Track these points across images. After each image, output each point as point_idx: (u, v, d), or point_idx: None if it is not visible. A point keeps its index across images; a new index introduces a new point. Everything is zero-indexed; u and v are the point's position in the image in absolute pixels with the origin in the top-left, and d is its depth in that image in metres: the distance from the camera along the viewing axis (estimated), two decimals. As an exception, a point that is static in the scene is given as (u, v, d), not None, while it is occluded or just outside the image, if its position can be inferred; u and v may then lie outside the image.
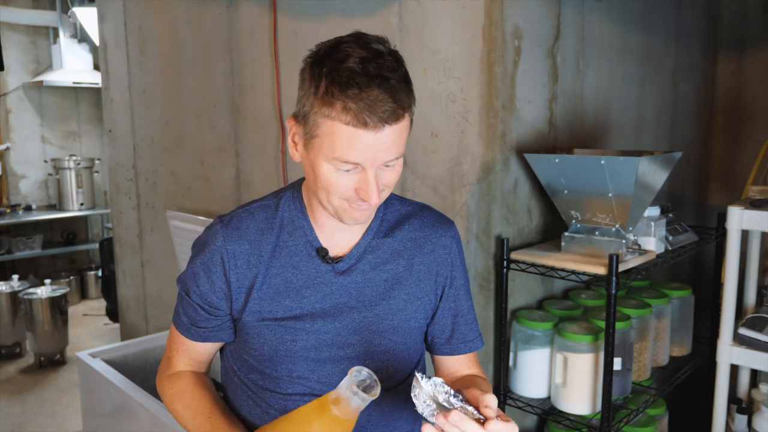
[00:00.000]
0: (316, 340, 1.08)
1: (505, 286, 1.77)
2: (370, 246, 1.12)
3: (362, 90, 0.90)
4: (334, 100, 0.91)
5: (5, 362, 4.45)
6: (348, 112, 0.91)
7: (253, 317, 1.09)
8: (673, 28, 2.57)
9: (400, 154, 0.98)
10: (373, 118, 0.91)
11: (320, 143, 0.95)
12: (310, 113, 0.96)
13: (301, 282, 1.08)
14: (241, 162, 2.56)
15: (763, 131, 2.77)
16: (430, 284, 1.16)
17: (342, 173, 0.96)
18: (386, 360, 1.13)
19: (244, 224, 1.10)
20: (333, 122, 0.92)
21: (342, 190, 0.98)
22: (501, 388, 1.82)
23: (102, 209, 5.87)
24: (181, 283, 1.14)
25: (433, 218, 1.18)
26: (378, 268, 1.11)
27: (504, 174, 1.79)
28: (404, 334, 1.14)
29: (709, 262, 2.43)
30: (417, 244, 1.15)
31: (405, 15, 1.88)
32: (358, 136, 0.92)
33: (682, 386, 2.11)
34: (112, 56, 3.25)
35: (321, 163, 0.97)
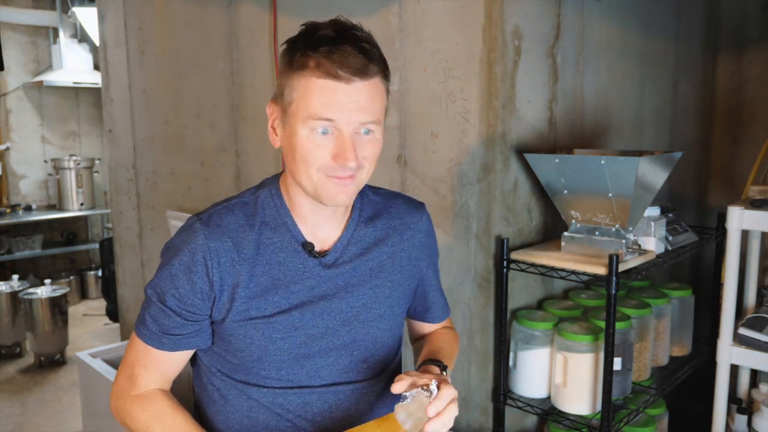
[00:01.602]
0: (305, 335, 1.08)
1: (505, 286, 1.77)
2: (354, 237, 1.13)
3: (334, 46, 0.96)
4: (308, 60, 0.96)
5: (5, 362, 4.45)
6: (320, 67, 0.95)
7: (240, 317, 1.05)
8: (673, 28, 2.57)
9: (377, 120, 1.00)
10: (345, 70, 0.95)
11: (296, 107, 0.98)
12: (285, 85, 1.01)
13: (289, 278, 1.07)
14: (241, 162, 2.56)
15: (763, 131, 2.77)
16: (410, 269, 1.20)
17: (318, 137, 0.97)
18: (373, 348, 1.15)
19: (224, 221, 1.06)
20: (307, 79, 0.96)
21: (320, 157, 0.98)
22: (501, 388, 1.82)
23: (102, 209, 5.87)
24: (153, 289, 1.07)
25: (407, 204, 1.23)
26: (362, 258, 1.13)
27: (504, 174, 1.79)
28: (389, 321, 1.16)
29: (709, 262, 2.43)
30: (397, 231, 1.18)
31: (405, 15, 1.88)
32: (331, 90, 0.95)
33: (682, 386, 2.11)
34: (112, 56, 3.24)
35: (298, 130, 0.98)
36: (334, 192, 1.01)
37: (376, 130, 1.02)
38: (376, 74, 0.99)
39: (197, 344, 1.09)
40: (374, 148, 1.03)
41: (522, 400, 1.81)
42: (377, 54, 1.00)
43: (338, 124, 0.97)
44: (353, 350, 1.12)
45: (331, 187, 1.01)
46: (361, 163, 1.01)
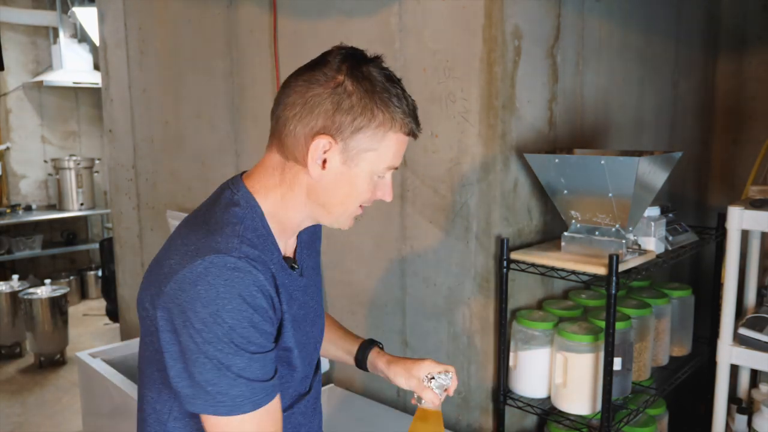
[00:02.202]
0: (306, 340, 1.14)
1: (505, 286, 1.77)
2: (300, 242, 1.17)
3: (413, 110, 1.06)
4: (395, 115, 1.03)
5: (5, 362, 4.45)
6: (406, 128, 1.05)
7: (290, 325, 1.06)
8: (673, 28, 2.57)
9: None
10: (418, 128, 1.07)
11: (376, 156, 1.03)
12: (364, 130, 1.01)
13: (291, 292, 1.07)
14: (241, 162, 2.56)
15: (763, 131, 2.77)
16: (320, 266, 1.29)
17: (376, 180, 1.06)
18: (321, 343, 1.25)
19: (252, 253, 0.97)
20: (397, 135, 1.04)
21: (367, 196, 1.06)
22: (501, 388, 1.82)
23: (102, 209, 5.87)
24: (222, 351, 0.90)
25: None
26: (309, 260, 1.20)
27: (504, 174, 1.79)
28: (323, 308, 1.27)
29: (709, 262, 2.43)
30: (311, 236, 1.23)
31: (405, 15, 1.88)
32: (406, 145, 1.07)
33: (682, 386, 2.11)
34: (112, 56, 3.24)
35: (365, 175, 1.04)
36: (352, 221, 1.10)
37: None
38: None
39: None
40: None
41: (522, 400, 1.81)
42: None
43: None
44: (317, 343, 1.22)
45: (353, 218, 1.09)
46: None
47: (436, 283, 1.91)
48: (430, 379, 1.20)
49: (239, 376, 0.92)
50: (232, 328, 0.90)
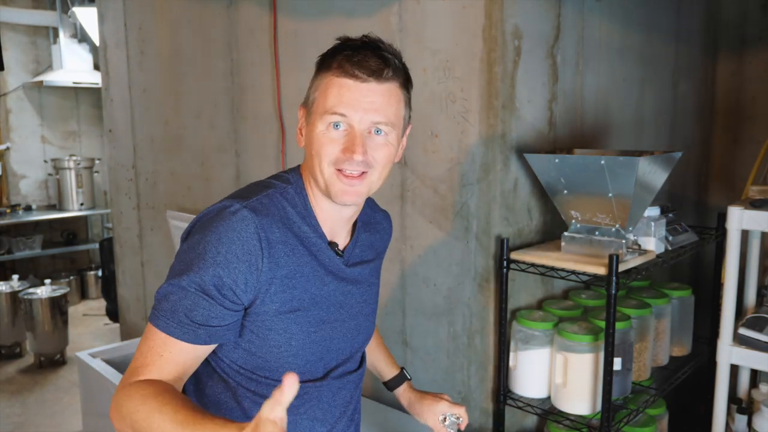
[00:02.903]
0: (330, 329, 1.15)
1: (505, 286, 1.77)
2: (359, 240, 1.22)
3: (356, 51, 1.04)
4: (332, 62, 1.05)
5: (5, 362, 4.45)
6: (340, 68, 1.03)
7: (285, 307, 1.07)
8: (673, 28, 2.57)
9: (390, 123, 1.06)
10: (361, 70, 1.02)
11: (316, 105, 1.06)
12: (311, 87, 1.09)
13: (324, 270, 1.12)
14: (241, 162, 2.56)
15: (763, 131, 2.77)
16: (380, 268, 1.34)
17: (332, 132, 1.04)
18: (365, 342, 1.28)
19: (271, 212, 1.06)
20: (328, 79, 1.05)
21: (331, 151, 1.04)
22: (501, 388, 1.82)
23: (102, 209, 5.87)
24: (191, 278, 0.99)
25: (383, 213, 1.36)
26: (365, 259, 1.23)
27: (504, 174, 1.79)
28: (375, 314, 1.31)
29: (709, 262, 2.43)
30: (382, 237, 1.31)
31: (405, 15, 1.88)
32: (347, 87, 1.03)
33: (682, 386, 2.11)
34: (112, 56, 3.25)
35: (316, 125, 1.05)
36: (342, 190, 1.06)
37: (390, 134, 1.07)
38: (392, 79, 1.05)
39: (229, 337, 1.06)
40: (386, 152, 1.08)
41: (522, 400, 1.81)
42: (397, 64, 1.06)
43: (350, 120, 1.03)
44: (355, 343, 1.23)
45: (339, 185, 1.05)
46: (371, 162, 1.06)
47: (436, 283, 1.91)
48: (443, 420, 1.40)
49: (174, 293, 1.00)
50: (199, 255, 1.00)
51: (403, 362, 2.02)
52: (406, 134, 1.15)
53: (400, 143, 1.13)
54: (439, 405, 1.42)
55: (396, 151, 1.11)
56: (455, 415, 1.40)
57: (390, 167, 1.11)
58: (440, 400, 1.43)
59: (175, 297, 1.00)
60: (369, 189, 1.09)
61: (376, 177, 1.09)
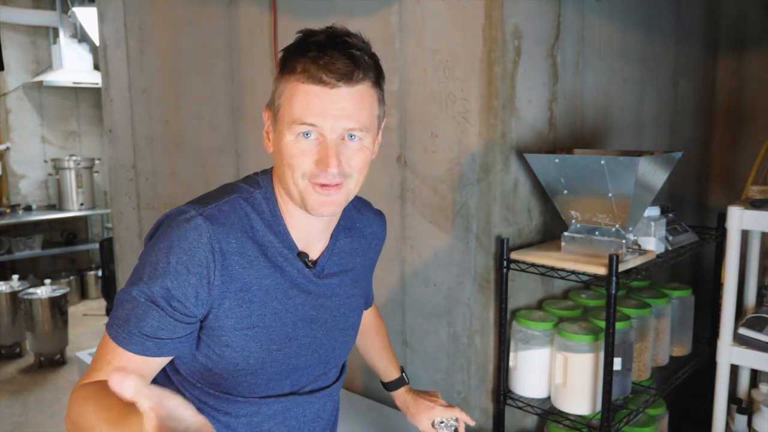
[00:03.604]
0: (297, 346, 1.08)
1: (505, 286, 1.77)
2: (336, 248, 1.13)
3: (322, 51, 0.94)
4: (296, 64, 0.95)
5: (5, 362, 4.45)
6: (306, 72, 0.94)
7: (243, 323, 1.00)
8: (673, 28, 2.57)
9: (364, 128, 0.98)
10: (330, 75, 0.93)
11: (283, 112, 0.98)
12: (276, 90, 1.00)
13: (288, 283, 1.04)
14: (241, 162, 2.56)
15: (763, 131, 2.77)
16: (369, 274, 1.27)
17: (302, 142, 0.96)
18: (343, 355, 1.21)
19: (230, 220, 0.99)
20: (293, 84, 0.96)
21: (303, 163, 0.97)
22: (501, 388, 1.82)
23: (102, 209, 5.87)
24: (141, 288, 0.95)
25: (374, 213, 1.26)
26: (343, 268, 1.15)
27: (504, 174, 1.79)
28: (358, 327, 1.22)
29: (709, 262, 2.43)
30: (368, 241, 1.21)
31: (405, 15, 1.88)
32: (315, 94, 0.94)
33: (682, 386, 2.11)
34: (112, 56, 3.24)
35: (284, 134, 0.97)
36: (319, 202, 0.99)
37: (365, 138, 0.99)
38: (363, 80, 0.96)
39: (182, 350, 1.00)
40: (362, 156, 1.00)
41: (522, 400, 1.81)
42: (367, 61, 0.97)
43: (322, 129, 0.95)
44: (329, 358, 1.16)
45: (315, 196, 0.98)
46: (347, 172, 0.98)
47: (436, 283, 1.91)
48: (439, 423, 1.38)
49: (128, 302, 0.96)
50: (150, 263, 0.96)
51: (403, 362, 2.02)
52: (381, 130, 1.08)
53: (376, 141, 1.05)
54: (433, 411, 1.41)
55: (372, 152, 1.03)
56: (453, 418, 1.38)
57: (367, 170, 1.03)
58: (434, 406, 1.41)
59: (128, 306, 0.96)
60: (347, 197, 1.02)
61: (354, 184, 1.01)
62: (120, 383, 0.64)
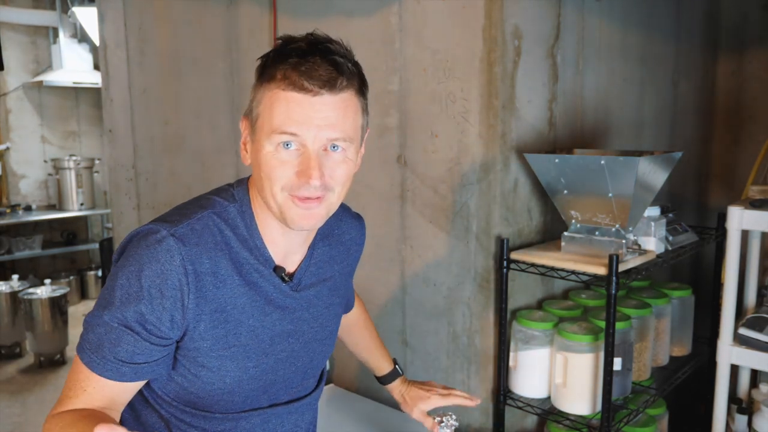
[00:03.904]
0: (274, 361, 1.06)
1: (505, 286, 1.77)
2: (314, 257, 1.10)
3: (303, 58, 0.90)
4: (275, 71, 0.91)
5: (5, 362, 4.45)
6: (286, 79, 0.90)
7: (219, 344, 0.98)
8: (673, 28, 2.57)
9: (347, 138, 0.94)
10: (312, 82, 0.89)
11: (261, 122, 0.93)
12: (254, 99, 0.96)
13: (263, 300, 1.02)
14: (240, 162, 2.56)
15: (763, 131, 2.77)
16: (349, 280, 1.24)
17: (282, 153, 0.92)
18: (321, 365, 1.18)
19: (202, 239, 0.95)
20: (273, 92, 0.91)
21: (283, 175, 0.92)
22: (501, 388, 1.82)
23: (102, 209, 5.87)
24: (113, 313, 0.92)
25: (353, 218, 1.22)
26: (321, 278, 1.12)
27: (504, 174, 1.79)
28: (335, 335, 1.20)
29: (709, 262, 2.43)
30: (347, 248, 1.18)
31: (405, 15, 1.88)
32: (296, 102, 0.89)
33: (682, 386, 2.11)
34: (112, 56, 3.24)
35: (263, 145, 0.93)
36: (299, 216, 0.94)
37: (348, 149, 0.95)
38: (346, 88, 0.92)
39: (159, 372, 0.98)
40: (346, 168, 0.96)
41: (522, 400, 1.81)
42: (351, 68, 0.93)
43: (303, 139, 0.91)
44: (307, 369, 1.14)
45: (295, 210, 0.94)
46: (329, 184, 0.94)
47: (436, 283, 1.91)
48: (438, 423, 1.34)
49: (99, 327, 0.92)
50: (121, 287, 0.92)
51: (403, 362, 2.02)
52: (364, 142, 1.03)
53: (359, 153, 1.01)
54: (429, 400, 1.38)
55: (355, 164, 0.98)
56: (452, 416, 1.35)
57: (350, 183, 0.99)
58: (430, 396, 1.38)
59: (100, 330, 0.93)
60: (328, 211, 0.98)
61: (336, 198, 0.97)
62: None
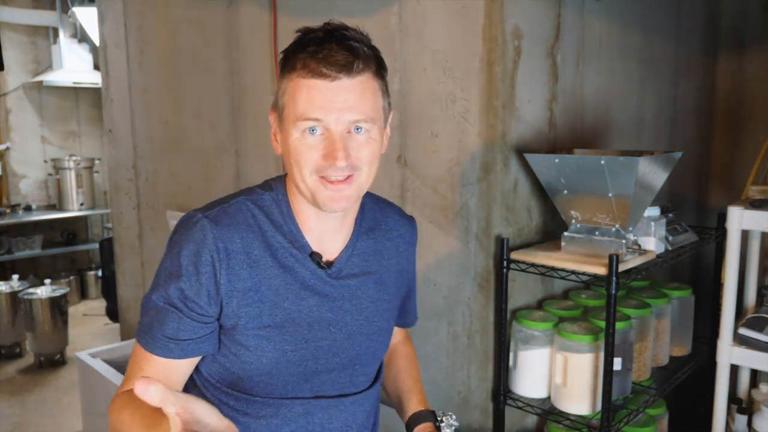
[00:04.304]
0: (314, 348, 1.06)
1: (505, 286, 1.77)
2: (356, 249, 1.11)
3: (320, 46, 0.95)
4: (296, 61, 0.97)
5: (5, 362, 4.45)
6: (305, 67, 0.95)
7: (254, 323, 1.01)
8: (673, 28, 2.57)
9: (369, 118, 0.98)
10: (329, 67, 0.94)
11: (287, 111, 0.98)
12: (279, 90, 1.01)
13: (299, 284, 1.04)
14: (241, 162, 2.56)
15: (763, 131, 2.77)
16: (402, 281, 1.22)
17: (308, 138, 0.96)
18: (372, 362, 1.16)
19: (234, 220, 1.02)
20: (294, 81, 0.97)
21: (311, 159, 0.97)
22: (501, 388, 1.82)
23: (102, 209, 5.87)
24: (159, 293, 1.00)
25: (401, 216, 1.24)
26: (366, 270, 1.12)
27: (504, 174, 1.79)
28: (387, 333, 1.18)
29: (709, 262, 2.43)
30: (395, 244, 1.19)
31: (405, 15, 1.88)
32: (317, 88, 0.94)
33: (682, 386, 2.11)
34: (112, 56, 3.25)
35: (290, 133, 0.98)
36: (329, 198, 0.98)
37: (372, 129, 0.99)
38: (364, 71, 0.97)
39: (206, 349, 1.03)
40: (371, 149, 1.00)
41: (522, 400, 1.81)
42: (367, 52, 0.98)
43: (326, 123, 0.95)
44: (355, 364, 1.12)
45: (326, 192, 0.98)
46: (356, 164, 0.98)
47: (436, 283, 1.91)
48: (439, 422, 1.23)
49: (151, 308, 1.01)
50: (165, 268, 1.01)
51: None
52: (389, 123, 1.07)
53: (384, 134, 1.05)
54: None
55: (381, 144, 1.03)
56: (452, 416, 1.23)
57: (378, 163, 1.03)
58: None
59: (152, 312, 1.01)
60: (359, 192, 1.01)
61: (365, 178, 1.01)
62: (144, 391, 0.68)
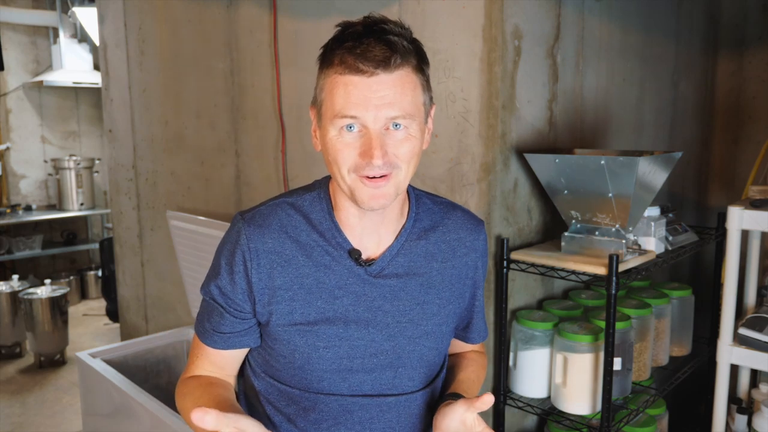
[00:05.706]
0: (349, 347, 1.04)
1: (505, 286, 1.77)
2: (404, 248, 1.08)
3: (358, 40, 0.93)
4: (333, 57, 0.95)
5: (5, 362, 4.45)
6: (343, 63, 0.93)
7: (284, 320, 1.03)
8: (673, 28, 2.57)
9: (408, 115, 0.95)
10: (366, 63, 0.92)
11: (325, 108, 0.97)
12: (317, 86, 1.00)
13: (333, 283, 1.03)
14: (241, 162, 2.56)
15: (763, 131, 2.77)
16: (462, 287, 1.14)
17: (345, 136, 0.95)
18: (418, 365, 1.10)
19: (268, 221, 1.04)
20: (332, 78, 0.95)
21: (348, 157, 0.95)
22: (501, 388, 1.82)
23: (102, 209, 5.87)
24: (205, 287, 1.08)
25: (466, 219, 1.16)
26: (412, 271, 1.07)
27: (504, 174, 1.79)
28: (437, 338, 1.11)
29: (709, 262, 2.43)
30: (451, 247, 1.12)
31: (405, 15, 1.88)
32: (353, 84, 0.93)
33: (682, 386, 2.11)
34: (112, 56, 3.25)
35: (328, 130, 0.96)
36: (368, 195, 0.96)
37: (411, 126, 0.96)
38: (402, 66, 0.94)
39: (248, 343, 1.08)
40: (410, 146, 0.97)
41: (522, 400, 1.81)
42: (406, 46, 0.95)
43: (364, 120, 0.93)
44: (398, 366, 1.07)
45: (365, 190, 0.96)
46: (394, 162, 0.96)
47: (436, 283, 1.91)
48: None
49: (203, 301, 1.10)
50: (212, 267, 1.08)
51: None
52: (431, 117, 1.04)
53: (426, 129, 1.03)
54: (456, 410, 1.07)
55: (421, 141, 1.00)
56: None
57: (417, 159, 1.00)
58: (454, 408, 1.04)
59: (203, 304, 1.10)
60: (397, 189, 0.98)
61: (403, 175, 0.98)
62: (201, 419, 0.80)
